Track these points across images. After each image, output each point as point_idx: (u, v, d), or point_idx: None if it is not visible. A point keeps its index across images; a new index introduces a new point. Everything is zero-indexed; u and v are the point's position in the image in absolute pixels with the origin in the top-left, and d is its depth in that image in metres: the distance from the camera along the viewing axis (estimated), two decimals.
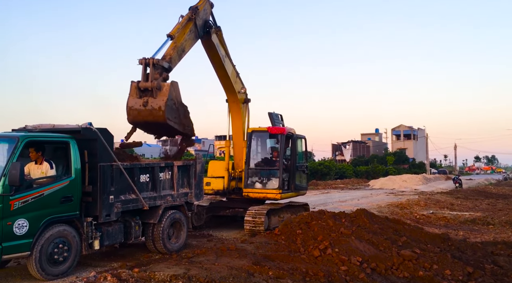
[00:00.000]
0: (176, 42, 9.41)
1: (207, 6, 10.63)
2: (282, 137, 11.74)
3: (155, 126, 8.89)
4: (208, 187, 11.93)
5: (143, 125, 8.90)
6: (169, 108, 8.58)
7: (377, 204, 20.02)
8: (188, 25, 9.79)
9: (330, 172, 45.08)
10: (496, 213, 18.23)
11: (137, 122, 8.78)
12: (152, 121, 8.61)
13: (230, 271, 6.66)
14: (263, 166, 11.99)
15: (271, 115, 12.79)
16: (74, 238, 7.07)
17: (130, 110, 8.67)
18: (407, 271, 7.52)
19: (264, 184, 11.54)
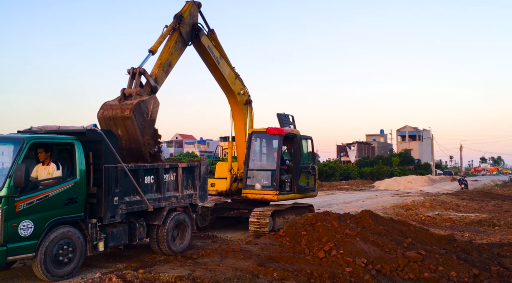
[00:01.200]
0: (161, 59, 9.33)
1: (194, 9, 10.40)
2: (280, 138, 11.68)
3: (119, 123, 8.41)
4: (213, 188, 11.96)
5: (108, 119, 8.46)
6: (138, 109, 8.38)
7: (382, 205, 19.95)
8: (173, 37, 9.66)
9: (335, 173, 45.01)
10: (502, 214, 18.10)
11: (105, 116, 8.45)
12: (119, 116, 8.32)
13: (234, 272, 6.65)
14: (261, 166, 11.98)
15: (279, 116, 12.80)
16: (79, 239, 7.09)
17: (103, 105, 8.56)
18: (413, 273, 7.47)
19: (262, 185, 11.50)
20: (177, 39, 9.70)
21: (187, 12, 10.11)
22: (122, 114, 8.29)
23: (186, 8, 10.19)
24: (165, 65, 9.41)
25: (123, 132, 8.32)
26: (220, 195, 12.23)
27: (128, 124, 8.30)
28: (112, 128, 8.28)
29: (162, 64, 9.30)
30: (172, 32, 9.68)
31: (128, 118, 8.24)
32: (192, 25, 10.27)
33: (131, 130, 8.33)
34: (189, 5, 10.27)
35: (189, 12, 10.15)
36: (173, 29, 9.69)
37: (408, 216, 16.44)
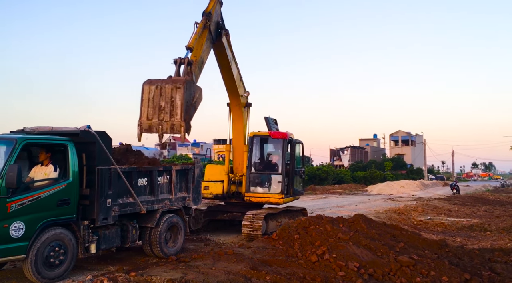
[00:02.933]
0: (195, 56, 9.24)
1: (218, 7, 10.45)
2: (285, 142, 11.79)
3: (166, 93, 8.19)
4: (207, 191, 11.91)
5: (155, 88, 8.22)
6: (190, 86, 8.29)
7: (375, 210, 20.01)
8: (204, 34, 9.63)
9: (328, 177, 45.09)
10: (494, 219, 18.24)
11: (152, 84, 8.23)
12: (168, 86, 8.15)
13: (227, 275, 6.64)
14: (265, 170, 12.00)
15: (267, 119, 12.83)
16: (71, 241, 7.04)
17: (149, 79, 8.37)
18: (405, 277, 7.50)
19: (266, 189, 11.58)
20: (207, 37, 9.71)
21: (214, 9, 10.13)
22: (173, 84, 8.14)
23: (212, 5, 10.17)
24: (199, 63, 9.32)
25: (165, 105, 8.13)
26: (216, 198, 12.17)
27: (177, 96, 8.12)
28: (155, 99, 8.12)
29: (197, 61, 9.21)
30: (203, 30, 9.64)
31: (180, 88, 8.09)
32: (216, 23, 10.30)
33: (177, 102, 8.12)
34: (214, 3, 10.26)
35: (214, 9, 10.17)
36: (204, 26, 9.66)
37: (401, 220, 16.51)
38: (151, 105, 8.11)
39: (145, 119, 8.11)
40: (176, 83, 8.16)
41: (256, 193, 11.57)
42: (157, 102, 8.08)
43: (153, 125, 8.12)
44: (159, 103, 8.08)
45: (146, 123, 8.11)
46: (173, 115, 8.10)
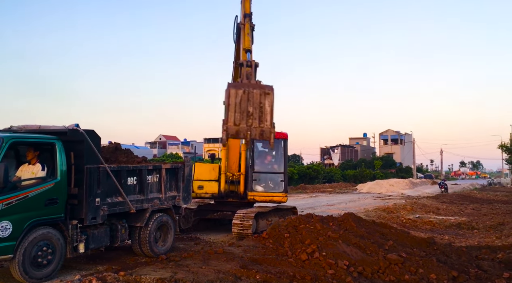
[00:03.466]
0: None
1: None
2: (285, 142, 12.07)
3: (254, 98, 8.13)
4: (202, 190, 11.86)
5: (242, 92, 8.13)
6: (273, 92, 8.34)
7: (364, 208, 20.14)
8: (251, 34, 9.83)
9: (318, 176, 45.29)
10: (481, 217, 18.47)
11: (239, 88, 8.14)
12: (257, 91, 8.09)
13: (217, 274, 6.64)
14: (268, 169, 12.22)
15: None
16: (59, 241, 6.97)
17: (232, 83, 8.38)
18: (393, 275, 7.56)
19: (269, 187, 11.85)
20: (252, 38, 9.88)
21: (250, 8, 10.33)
22: (261, 90, 8.07)
23: (249, 5, 10.27)
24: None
25: (254, 110, 8.02)
26: (213, 197, 12.08)
27: (266, 102, 8.07)
28: (243, 104, 7.96)
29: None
30: (251, 31, 9.80)
31: (269, 94, 8.04)
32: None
33: (266, 109, 8.08)
34: (250, 2, 10.30)
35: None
36: (250, 27, 9.77)
37: (390, 218, 16.64)
38: (238, 110, 7.96)
39: (232, 124, 7.94)
40: (265, 89, 8.14)
41: (260, 192, 11.78)
42: (244, 107, 7.96)
43: (240, 131, 7.99)
44: (246, 109, 7.97)
45: (233, 129, 7.95)
46: (262, 122, 8.07)
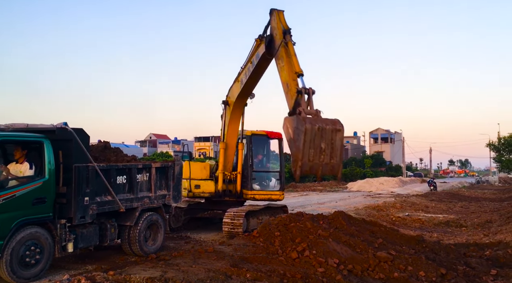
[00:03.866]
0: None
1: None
2: (281, 141, 12.29)
3: (327, 135, 8.24)
4: (198, 190, 11.81)
5: (317, 129, 8.15)
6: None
7: (354, 206, 20.25)
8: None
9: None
10: (469, 215, 18.69)
11: (314, 126, 8.10)
12: (329, 128, 8.18)
13: (207, 273, 6.62)
14: (266, 168, 12.57)
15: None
16: (47, 240, 6.90)
17: (298, 118, 8.16)
18: (383, 273, 7.61)
19: (267, 186, 12.21)
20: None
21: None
22: (333, 126, 8.14)
23: (284, 19, 9.92)
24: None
25: (326, 146, 8.06)
26: (211, 196, 12.02)
27: (337, 138, 8.18)
28: (316, 140, 7.94)
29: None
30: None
31: (340, 131, 8.16)
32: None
33: (337, 144, 8.19)
34: (283, 15, 9.93)
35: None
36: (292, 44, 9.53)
37: (380, 216, 16.74)
38: (312, 146, 7.96)
39: (307, 160, 7.96)
40: (336, 125, 8.21)
41: (259, 191, 12.01)
42: (318, 143, 7.97)
43: (313, 167, 8.04)
44: (319, 145, 7.99)
45: (307, 165, 7.96)
46: (332, 157, 8.15)
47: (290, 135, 8.09)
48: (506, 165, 34.13)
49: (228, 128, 12.01)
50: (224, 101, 11.89)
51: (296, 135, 7.91)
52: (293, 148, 7.95)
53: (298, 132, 7.86)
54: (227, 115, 11.88)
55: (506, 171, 40.11)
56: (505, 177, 62.01)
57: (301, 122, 7.87)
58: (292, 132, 8.00)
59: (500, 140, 37.12)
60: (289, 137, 8.14)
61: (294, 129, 7.99)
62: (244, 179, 11.93)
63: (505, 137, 35.66)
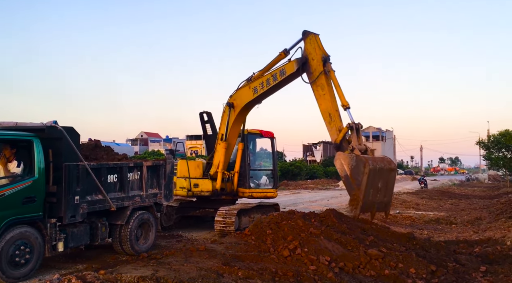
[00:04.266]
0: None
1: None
2: (273, 140, 12.49)
3: (384, 174, 8.51)
4: (197, 189, 11.77)
5: (378, 169, 8.39)
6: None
7: (346, 204, 20.30)
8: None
9: (301, 172, 45.51)
10: (459, 212, 18.89)
11: (376, 167, 8.29)
12: (386, 168, 8.43)
13: (199, 271, 6.61)
14: (261, 167, 12.88)
15: (201, 114, 13.07)
16: (37, 240, 6.84)
17: (364, 159, 8.25)
18: (374, 270, 7.66)
19: (262, 184, 12.46)
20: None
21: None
22: (389, 166, 8.25)
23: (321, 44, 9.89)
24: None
25: (382, 184, 8.12)
26: (211, 195, 11.95)
27: (390, 177, 8.32)
28: (375, 180, 8.05)
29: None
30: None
31: (393, 170, 8.39)
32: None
33: (390, 183, 8.35)
34: (318, 39, 9.87)
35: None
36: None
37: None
38: (370, 186, 8.07)
39: (368, 200, 8.08)
40: (390, 164, 8.38)
41: (256, 189, 12.19)
42: (376, 183, 8.08)
43: (372, 205, 8.07)
44: (377, 184, 8.11)
45: (368, 204, 8.00)
46: (386, 196, 8.31)
47: (346, 172, 8.07)
48: (495, 162, 34.44)
49: (230, 130, 11.85)
50: (229, 103, 11.62)
51: (355, 175, 7.93)
52: (352, 187, 7.95)
53: (358, 172, 7.89)
54: (231, 118, 11.67)
55: (496, 169, 40.52)
56: (494, 174, 62.76)
57: (362, 162, 7.86)
58: (350, 171, 7.97)
59: (489, 138, 37.42)
60: (344, 174, 8.12)
61: (351, 167, 7.98)
62: (241, 177, 11.97)
63: (494, 135, 35.96)
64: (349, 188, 7.90)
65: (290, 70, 10.16)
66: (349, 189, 7.87)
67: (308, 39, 9.75)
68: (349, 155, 8.10)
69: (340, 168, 8.11)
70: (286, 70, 10.30)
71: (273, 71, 10.63)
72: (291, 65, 10.10)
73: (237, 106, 11.58)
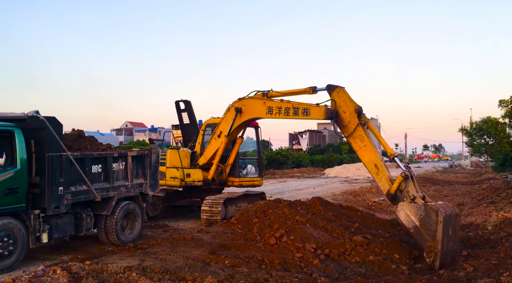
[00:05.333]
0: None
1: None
2: (257, 130, 12.61)
3: (453, 221, 8.36)
4: (189, 179, 11.74)
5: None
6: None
7: (331, 192, 20.53)
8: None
9: (287, 161, 45.70)
10: (442, 198, 19.22)
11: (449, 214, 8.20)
12: (454, 213, 8.34)
13: (186, 261, 6.62)
14: (247, 156, 13.36)
15: (177, 103, 13.07)
16: (20, 231, 6.76)
17: (440, 208, 8.01)
18: (359, 256, 7.78)
19: (250, 173, 12.78)
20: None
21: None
22: (456, 211, 8.21)
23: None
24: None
25: (452, 231, 8.02)
26: (205, 184, 11.91)
27: (458, 221, 8.28)
28: (447, 226, 7.89)
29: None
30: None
31: (459, 215, 8.36)
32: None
33: (458, 228, 8.35)
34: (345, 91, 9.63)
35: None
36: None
37: (356, 202, 17.05)
38: (446, 234, 7.90)
39: (445, 249, 7.83)
40: (455, 209, 8.28)
41: (244, 178, 12.49)
42: (448, 231, 7.91)
43: (448, 254, 7.87)
44: (449, 232, 7.93)
45: (444, 254, 7.84)
46: (455, 242, 8.11)
47: (415, 223, 7.93)
48: (477, 149, 35.11)
49: (234, 129, 11.54)
50: (238, 109, 11.19)
51: (426, 225, 7.79)
52: (425, 238, 7.77)
53: (430, 221, 7.76)
54: (236, 122, 11.29)
55: (478, 155, 41.31)
56: (476, 161, 63.95)
57: (434, 211, 7.72)
58: (420, 221, 7.85)
59: (472, 125, 38.04)
60: (413, 225, 7.96)
61: (421, 218, 7.83)
62: (231, 168, 12.19)
63: (476, 122, 36.56)
64: (421, 240, 7.77)
65: (316, 116, 9.89)
66: (422, 240, 7.76)
67: (335, 92, 9.42)
68: (414, 204, 7.92)
69: (406, 219, 7.91)
70: (311, 112, 9.95)
71: (296, 104, 10.25)
72: (319, 111, 9.74)
73: (245, 114, 11.20)
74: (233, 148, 12.16)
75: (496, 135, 21.18)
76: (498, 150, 27.19)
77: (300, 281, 6.15)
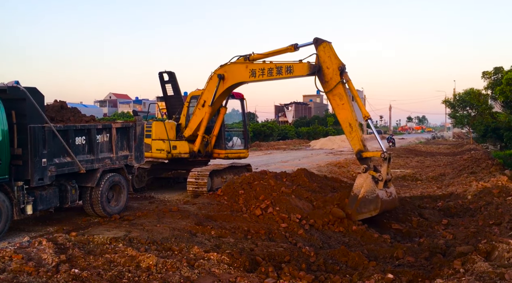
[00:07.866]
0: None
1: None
2: (242, 101, 12.53)
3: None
4: (176, 151, 11.68)
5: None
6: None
7: (317, 164, 20.75)
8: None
9: (273, 133, 45.81)
10: (424, 169, 19.62)
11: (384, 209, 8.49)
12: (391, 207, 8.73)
13: (172, 232, 6.68)
14: (234, 128, 13.30)
15: (161, 74, 12.85)
16: (4, 203, 6.70)
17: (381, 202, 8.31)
18: (342, 226, 7.96)
19: (236, 145, 12.74)
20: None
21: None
22: (394, 205, 8.79)
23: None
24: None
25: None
26: (191, 157, 11.87)
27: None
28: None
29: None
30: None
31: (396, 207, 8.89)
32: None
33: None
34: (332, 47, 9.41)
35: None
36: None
37: (341, 173, 17.28)
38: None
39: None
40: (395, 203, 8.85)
41: (231, 150, 12.44)
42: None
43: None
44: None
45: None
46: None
47: (358, 195, 8.30)
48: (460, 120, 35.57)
49: (217, 97, 11.41)
50: (220, 75, 11.03)
51: (363, 205, 8.25)
52: (352, 206, 8.33)
53: (367, 206, 8.23)
54: (219, 89, 11.17)
55: (460, 127, 41.94)
56: (459, 132, 65.04)
57: (375, 204, 8.18)
58: (362, 197, 8.25)
59: (455, 97, 38.39)
60: (355, 193, 8.38)
61: (365, 197, 8.23)
62: (217, 139, 12.10)
63: (460, 94, 36.90)
64: (349, 204, 8.33)
65: (300, 72, 9.74)
66: (350, 204, 8.29)
67: (321, 47, 9.28)
68: (372, 185, 8.24)
69: (358, 186, 8.34)
70: (294, 69, 9.84)
71: (279, 63, 10.09)
72: (302, 67, 9.63)
73: (228, 80, 11.08)
74: (217, 118, 12.05)
75: (478, 106, 21.40)
76: (480, 121, 27.58)
77: (285, 250, 6.28)
